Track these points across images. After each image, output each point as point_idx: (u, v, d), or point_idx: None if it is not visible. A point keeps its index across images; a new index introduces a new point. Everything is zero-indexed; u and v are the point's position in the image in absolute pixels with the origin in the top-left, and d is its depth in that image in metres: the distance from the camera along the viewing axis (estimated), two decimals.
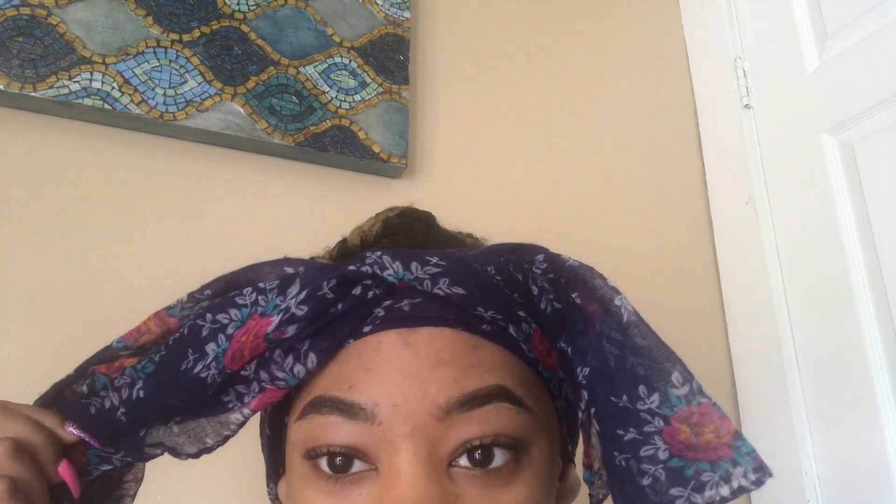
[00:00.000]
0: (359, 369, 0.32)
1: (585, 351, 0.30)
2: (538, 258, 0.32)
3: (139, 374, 0.34)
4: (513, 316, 0.33)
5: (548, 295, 0.32)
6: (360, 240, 0.39)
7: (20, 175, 0.69)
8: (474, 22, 1.02)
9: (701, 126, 1.13)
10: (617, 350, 0.28)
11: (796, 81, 0.98)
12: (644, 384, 0.28)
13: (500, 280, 0.33)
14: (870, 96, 0.86)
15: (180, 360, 0.33)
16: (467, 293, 0.32)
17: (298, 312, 0.31)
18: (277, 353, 0.32)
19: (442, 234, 0.40)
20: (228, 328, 0.33)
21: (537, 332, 0.34)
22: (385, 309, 0.33)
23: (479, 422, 0.31)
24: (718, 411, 0.27)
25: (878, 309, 0.84)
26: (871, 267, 0.85)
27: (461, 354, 0.32)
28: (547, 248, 0.32)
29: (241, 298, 0.33)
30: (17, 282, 0.66)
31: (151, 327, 0.35)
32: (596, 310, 0.30)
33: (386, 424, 0.30)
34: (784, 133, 0.99)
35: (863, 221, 0.87)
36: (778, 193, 0.99)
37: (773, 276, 0.96)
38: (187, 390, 0.33)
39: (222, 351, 0.32)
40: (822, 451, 0.88)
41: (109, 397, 0.34)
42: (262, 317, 0.32)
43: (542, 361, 0.34)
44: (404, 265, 0.32)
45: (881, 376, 0.82)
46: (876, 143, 0.87)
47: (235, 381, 0.33)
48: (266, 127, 0.77)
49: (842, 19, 0.93)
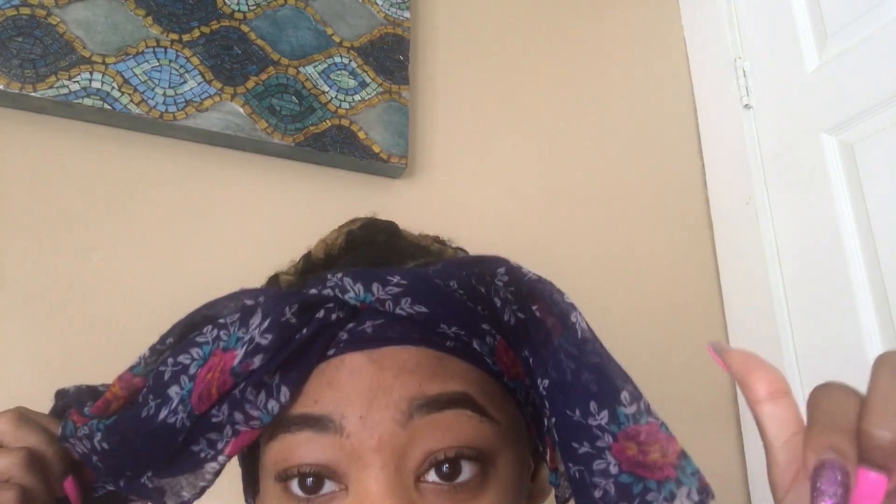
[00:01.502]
0: (322, 385, 0.32)
1: (546, 362, 0.30)
2: (499, 271, 0.31)
3: (98, 426, 0.33)
4: (476, 330, 0.33)
5: (511, 306, 0.32)
6: (325, 253, 0.39)
7: (20, 175, 0.69)
8: (474, 22, 1.02)
9: (701, 126, 1.13)
10: (573, 364, 0.29)
11: (796, 81, 0.98)
12: (595, 400, 0.28)
13: (462, 294, 0.33)
14: (870, 96, 0.86)
15: (139, 410, 0.32)
16: (430, 311, 0.32)
17: (263, 342, 0.30)
18: (249, 391, 0.31)
19: (405, 243, 0.40)
20: (191, 368, 0.32)
21: (502, 343, 0.34)
22: (348, 332, 0.33)
23: (442, 428, 0.31)
24: (665, 431, 0.27)
25: (878, 309, 0.84)
26: (871, 267, 0.85)
27: (425, 365, 0.32)
28: (508, 260, 0.32)
29: (202, 336, 0.32)
30: (17, 282, 0.66)
31: (118, 392, 0.33)
32: (554, 323, 0.30)
33: (354, 437, 0.30)
34: (784, 133, 0.99)
35: (863, 221, 0.87)
36: (778, 193, 0.99)
37: (773, 276, 0.96)
38: (156, 438, 0.32)
39: (187, 392, 0.31)
40: None
41: (82, 444, 0.34)
42: (226, 351, 0.31)
43: (508, 372, 0.35)
44: (365, 287, 0.32)
45: None
46: (876, 143, 0.87)
47: (206, 428, 0.33)
48: (266, 127, 0.77)
49: (842, 19, 0.93)
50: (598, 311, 0.98)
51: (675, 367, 0.97)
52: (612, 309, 0.97)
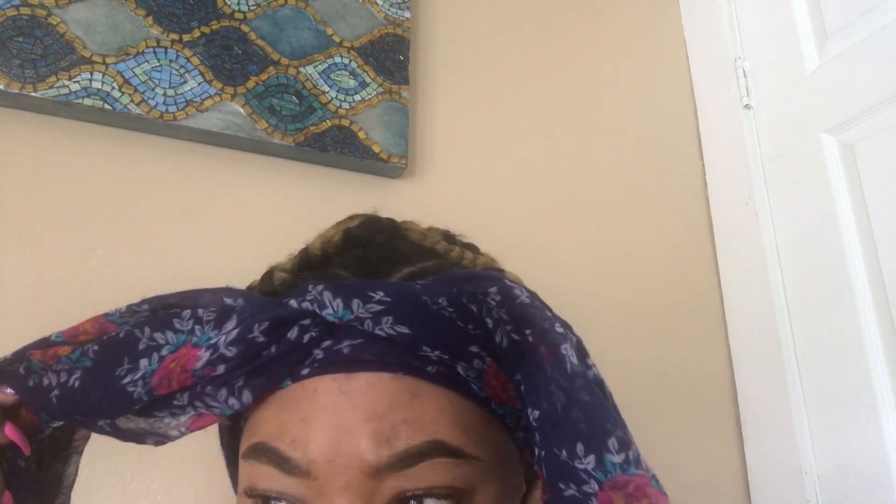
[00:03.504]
0: (297, 421, 0.31)
1: (539, 391, 0.28)
2: (492, 290, 0.30)
3: (76, 364, 0.33)
4: (462, 353, 0.32)
5: (504, 326, 0.30)
6: (321, 250, 0.37)
7: (20, 175, 0.69)
8: (474, 22, 1.02)
9: (701, 126, 1.13)
10: (564, 398, 0.27)
11: (796, 81, 0.98)
12: (582, 442, 0.26)
13: (452, 312, 0.31)
14: (870, 96, 0.86)
15: (115, 366, 0.32)
16: (412, 332, 0.31)
17: (227, 353, 0.30)
18: (209, 388, 0.31)
19: (405, 244, 0.38)
20: (162, 350, 0.32)
21: (492, 366, 0.32)
22: (324, 351, 0.32)
23: (413, 478, 0.30)
24: (655, 486, 0.25)
25: (877, 308, 0.84)
26: (871, 266, 0.85)
27: (397, 406, 0.31)
28: (504, 277, 0.31)
29: (179, 322, 0.32)
30: (17, 282, 0.66)
31: (88, 329, 0.34)
32: (546, 351, 0.28)
33: (321, 479, 0.30)
34: (784, 133, 0.99)
35: (863, 221, 0.87)
36: (778, 193, 0.99)
37: (773, 276, 0.97)
38: (115, 399, 0.32)
39: (150, 372, 0.31)
40: (822, 451, 0.88)
41: (48, 377, 0.34)
42: (194, 347, 0.31)
43: (497, 398, 0.33)
44: (345, 303, 0.31)
45: (881, 376, 0.82)
46: (876, 143, 0.87)
47: (169, 405, 0.33)
48: (266, 127, 0.77)
49: (842, 19, 0.93)
50: (598, 311, 0.99)
51: (675, 366, 0.97)
52: (613, 309, 0.97)
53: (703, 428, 0.96)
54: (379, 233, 0.38)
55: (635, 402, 0.93)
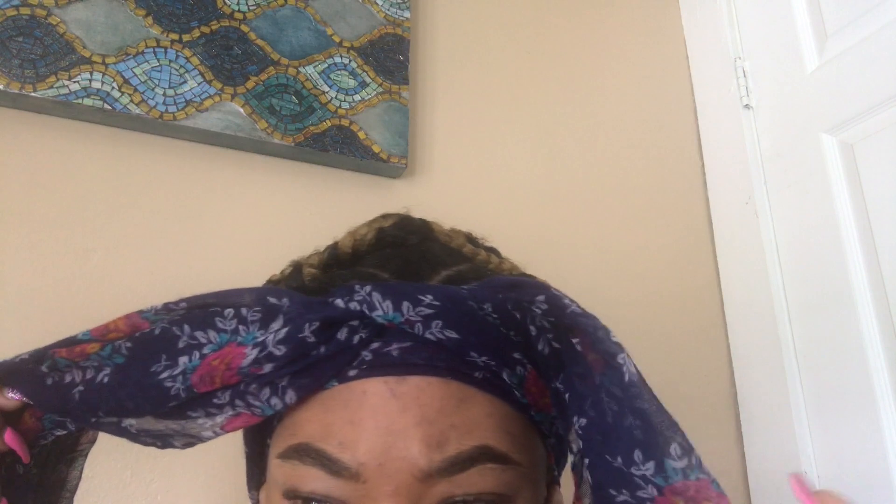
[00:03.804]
0: (345, 422, 0.31)
1: (584, 398, 0.29)
2: (538, 298, 0.30)
3: (107, 360, 0.33)
4: (507, 360, 0.32)
5: (547, 334, 0.31)
6: (352, 248, 0.37)
7: (20, 175, 0.69)
8: (474, 22, 1.02)
9: (701, 126, 1.13)
10: (616, 406, 0.27)
11: (796, 81, 0.98)
12: (640, 449, 0.26)
13: (496, 318, 0.31)
14: (870, 96, 0.86)
15: (151, 362, 0.32)
16: (461, 338, 0.31)
17: (276, 352, 0.30)
18: (253, 387, 0.31)
19: (438, 247, 0.38)
20: (204, 348, 0.31)
21: (532, 374, 0.33)
22: (373, 353, 0.31)
23: (462, 484, 0.30)
24: (717, 489, 0.26)
25: (878, 309, 0.84)
26: (871, 267, 0.85)
27: (447, 412, 0.31)
28: (549, 286, 0.31)
29: (222, 322, 0.32)
30: (17, 281, 0.66)
31: (120, 326, 0.33)
32: (595, 360, 0.29)
33: (370, 483, 0.30)
34: (784, 133, 0.99)
35: (863, 221, 0.87)
36: (778, 193, 0.99)
37: (773, 276, 0.96)
38: (149, 395, 0.31)
39: (191, 368, 0.31)
40: (822, 451, 0.88)
41: (72, 374, 0.33)
42: (240, 346, 0.31)
43: (535, 404, 0.33)
44: (395, 305, 0.30)
45: (881, 376, 0.82)
46: (876, 143, 0.87)
47: (206, 403, 0.32)
48: (266, 127, 0.77)
49: (842, 19, 0.93)
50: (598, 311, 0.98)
51: (675, 366, 0.97)
52: (612, 308, 0.96)
53: (703, 428, 0.96)
54: (412, 234, 0.38)
55: None
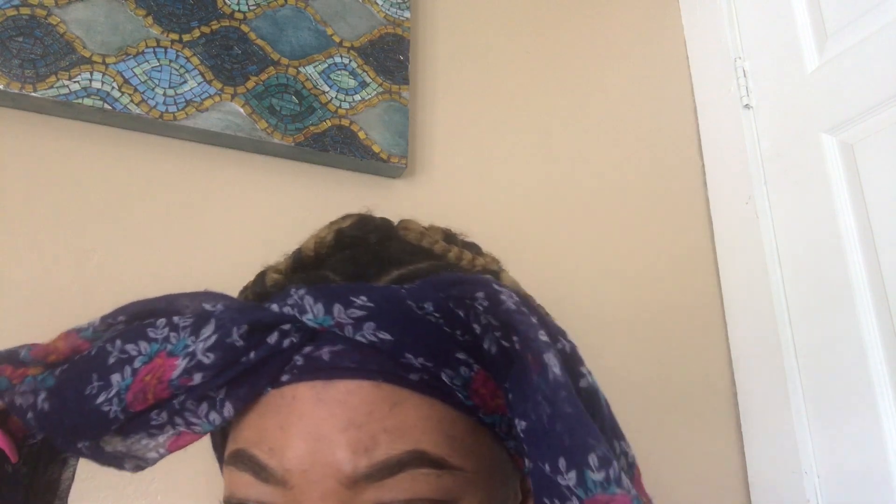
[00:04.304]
0: (276, 428, 0.30)
1: (526, 401, 0.27)
2: (479, 295, 0.29)
3: (40, 384, 0.32)
4: (448, 361, 0.30)
5: (493, 332, 0.29)
6: (314, 250, 0.36)
7: (20, 175, 0.69)
8: (474, 22, 1.02)
9: (701, 126, 1.13)
10: (549, 409, 0.26)
11: (796, 81, 0.98)
12: (564, 457, 0.25)
13: (438, 317, 0.30)
14: (870, 96, 0.86)
15: (84, 384, 0.31)
16: (394, 338, 0.29)
17: (205, 360, 0.29)
18: (189, 402, 0.30)
19: (399, 245, 0.37)
20: (135, 362, 0.30)
21: (480, 374, 0.31)
22: (304, 357, 0.31)
23: (392, 489, 0.29)
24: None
25: (878, 309, 0.84)
26: (871, 267, 0.85)
27: (377, 415, 0.30)
28: (491, 281, 0.29)
29: (153, 331, 0.31)
30: (17, 282, 0.66)
31: (60, 347, 0.33)
32: (532, 360, 0.27)
33: (297, 489, 0.29)
34: (784, 133, 0.99)
35: (863, 221, 0.87)
36: (778, 193, 0.99)
37: (773, 276, 0.97)
38: (89, 420, 0.30)
39: (125, 388, 0.30)
40: (822, 451, 0.88)
41: (21, 398, 0.32)
42: (170, 356, 0.30)
43: (485, 406, 0.32)
44: (326, 308, 0.30)
45: (881, 376, 0.82)
46: (876, 143, 0.87)
47: (146, 425, 0.31)
48: (266, 127, 0.77)
49: (842, 19, 0.93)
50: (598, 312, 0.99)
51: (675, 366, 0.97)
52: (612, 309, 0.97)
53: (703, 428, 0.96)
54: (371, 233, 0.37)
55: (635, 403, 0.93)
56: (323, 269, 0.35)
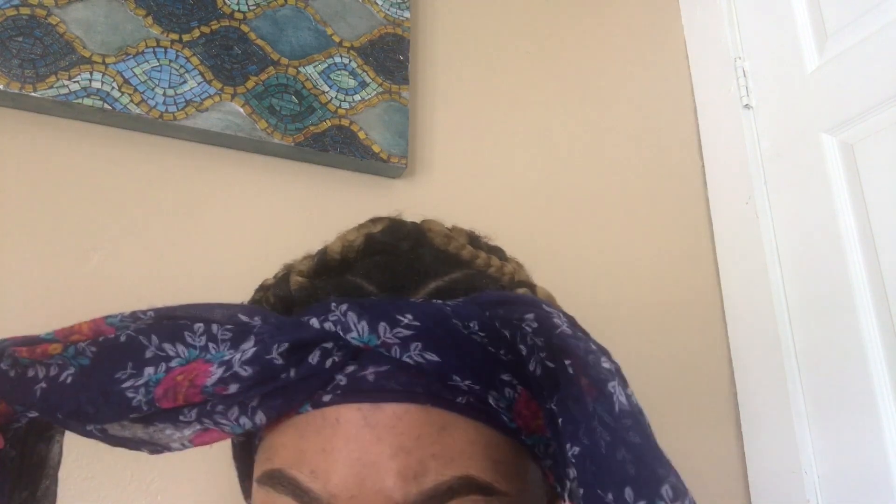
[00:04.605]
0: (318, 450, 0.29)
1: (578, 424, 0.27)
2: (528, 316, 0.28)
3: (72, 360, 0.31)
4: (494, 383, 0.30)
5: (539, 353, 0.29)
6: (341, 254, 0.36)
7: (20, 175, 0.69)
8: (474, 22, 1.02)
9: (701, 126, 1.13)
10: (608, 437, 0.25)
11: (796, 81, 0.98)
12: (632, 486, 0.25)
13: (483, 337, 0.30)
14: (870, 96, 0.86)
15: (116, 368, 0.30)
16: (442, 360, 0.29)
17: (242, 373, 0.28)
18: (219, 407, 0.30)
19: (432, 253, 0.36)
20: (171, 362, 0.30)
21: (524, 395, 0.31)
22: (347, 377, 0.30)
23: None
24: None
25: (878, 309, 0.84)
26: (871, 267, 0.85)
27: (426, 440, 0.29)
28: (541, 303, 0.29)
29: (191, 337, 0.31)
30: (17, 282, 0.66)
31: (84, 330, 0.32)
32: (588, 385, 0.27)
33: None
34: (784, 133, 0.99)
35: (863, 221, 0.87)
36: (778, 193, 0.99)
37: (773, 276, 0.97)
38: (109, 403, 0.30)
39: (154, 381, 0.30)
40: (822, 451, 0.88)
41: (35, 369, 0.32)
42: (206, 363, 0.29)
43: (527, 427, 0.31)
44: (371, 327, 0.29)
45: (881, 376, 0.82)
46: (876, 143, 0.87)
47: (174, 419, 0.31)
48: (266, 127, 0.77)
49: (842, 19, 0.93)
50: (598, 312, 0.99)
51: (675, 366, 0.97)
52: (612, 309, 0.97)
53: (703, 428, 0.96)
54: (403, 240, 0.36)
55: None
56: (351, 275, 0.34)
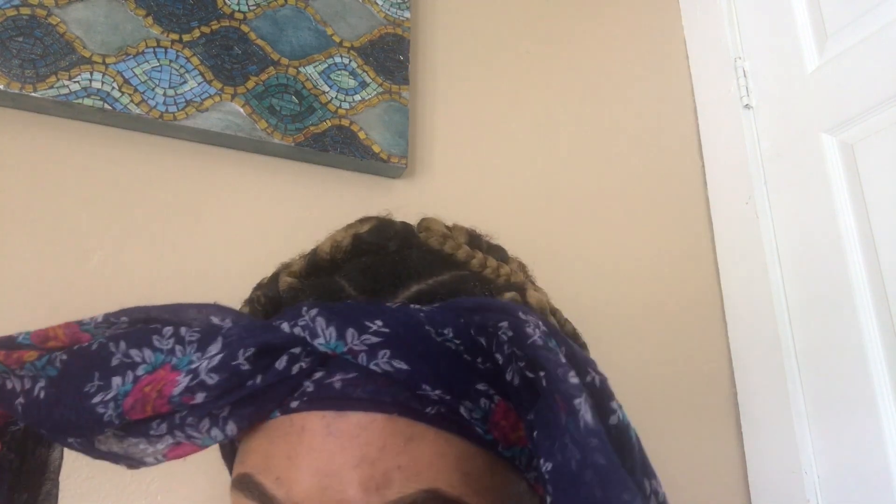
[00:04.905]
0: (284, 457, 0.29)
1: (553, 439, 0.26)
2: (502, 325, 0.27)
3: (41, 372, 0.31)
4: (468, 392, 0.29)
5: (518, 363, 0.27)
6: (330, 254, 0.35)
7: (20, 175, 0.69)
8: (474, 22, 1.02)
9: (701, 126, 1.13)
10: (578, 455, 0.24)
11: (796, 81, 0.98)
12: None
13: (459, 345, 0.29)
14: (870, 96, 0.86)
15: (84, 380, 0.30)
16: (411, 369, 0.28)
17: (208, 381, 0.28)
18: (190, 419, 0.29)
19: (420, 254, 0.35)
20: (138, 369, 0.29)
21: (501, 405, 0.30)
22: (315, 383, 0.29)
23: None
24: None
25: (878, 309, 0.84)
26: (871, 267, 0.85)
27: (390, 451, 0.28)
28: (517, 310, 0.28)
29: (159, 340, 0.30)
30: (17, 282, 0.66)
31: (59, 335, 0.32)
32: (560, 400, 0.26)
33: None
34: (784, 133, 0.99)
35: (863, 221, 0.87)
36: (778, 193, 0.99)
37: (773, 276, 0.97)
38: (83, 419, 0.29)
39: (122, 394, 0.29)
40: (822, 451, 0.88)
41: (11, 381, 0.31)
42: (174, 370, 0.29)
43: (505, 439, 0.30)
44: (339, 333, 0.28)
45: (881, 376, 0.82)
46: (876, 143, 0.87)
47: (145, 433, 0.30)
48: (266, 127, 0.77)
49: (842, 19, 0.93)
50: (598, 312, 0.99)
51: (675, 366, 0.97)
52: (612, 309, 0.97)
53: (703, 428, 0.96)
54: (391, 240, 0.35)
55: (635, 403, 0.93)
56: (338, 276, 0.34)
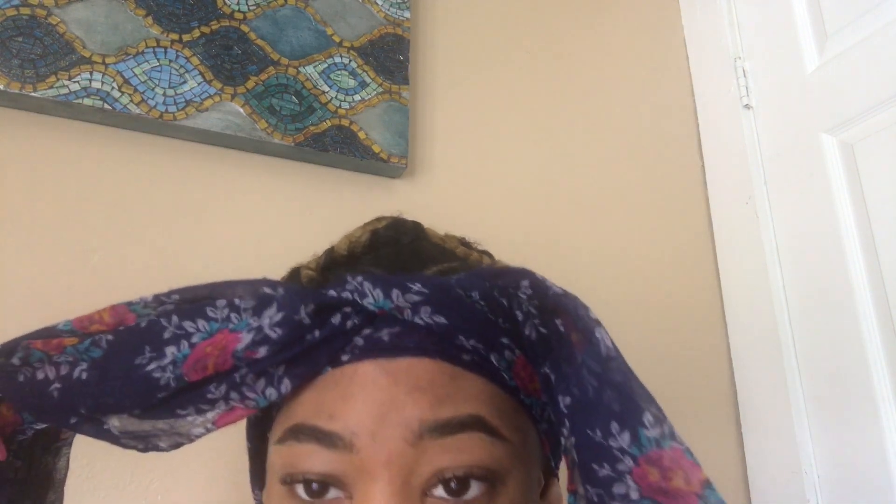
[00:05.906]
0: (337, 399, 0.31)
1: (569, 379, 0.29)
2: (523, 283, 0.31)
3: (83, 355, 0.32)
4: (495, 344, 0.33)
5: (533, 320, 0.31)
6: (348, 250, 0.38)
7: (20, 175, 0.69)
8: (474, 22, 1.02)
9: (701, 126, 1.13)
10: (595, 382, 0.28)
11: (796, 81, 0.98)
12: (617, 420, 0.27)
13: (484, 306, 0.32)
14: (870, 96, 0.86)
15: (134, 354, 0.31)
16: (449, 322, 0.32)
17: (272, 335, 0.30)
18: (249, 377, 0.31)
19: (430, 246, 0.39)
20: (193, 337, 0.31)
21: (521, 358, 0.33)
22: (364, 338, 0.32)
23: (452, 450, 0.30)
24: (690, 458, 0.26)
25: (878, 309, 0.84)
26: (871, 267, 0.85)
27: (439, 383, 0.32)
28: (533, 272, 0.31)
29: (213, 311, 0.32)
30: (17, 282, 0.66)
31: (105, 318, 0.33)
32: (578, 339, 0.29)
33: (363, 453, 0.30)
34: (784, 133, 0.99)
35: (863, 221, 0.87)
36: (778, 193, 0.99)
37: (773, 276, 0.97)
38: (135, 388, 0.31)
39: (182, 357, 0.31)
40: (822, 451, 0.88)
41: (44, 370, 0.32)
42: (232, 332, 0.31)
43: (525, 388, 0.34)
44: (385, 293, 0.31)
45: (881, 376, 0.82)
46: (876, 143, 0.87)
47: (198, 399, 0.32)
48: (266, 127, 0.77)
49: (842, 19, 0.93)
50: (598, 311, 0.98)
51: (675, 366, 0.97)
52: (613, 309, 0.97)
53: (703, 428, 0.96)
54: (405, 234, 0.39)
55: None
56: (360, 266, 0.36)
